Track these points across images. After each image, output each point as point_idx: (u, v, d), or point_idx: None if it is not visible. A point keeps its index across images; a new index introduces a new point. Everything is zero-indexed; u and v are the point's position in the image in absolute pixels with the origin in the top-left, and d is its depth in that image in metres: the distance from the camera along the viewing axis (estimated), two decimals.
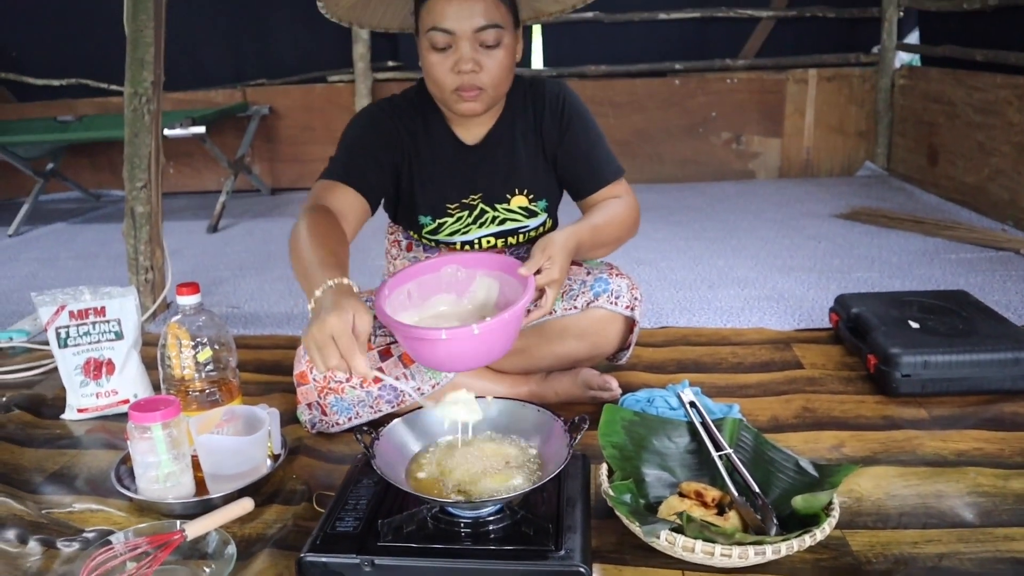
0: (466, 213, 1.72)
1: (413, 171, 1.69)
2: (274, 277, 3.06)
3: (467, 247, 1.76)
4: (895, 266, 2.81)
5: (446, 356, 1.36)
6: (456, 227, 1.73)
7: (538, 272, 1.44)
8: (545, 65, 4.69)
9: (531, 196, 1.73)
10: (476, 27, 1.48)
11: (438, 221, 1.72)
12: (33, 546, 1.33)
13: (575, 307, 1.70)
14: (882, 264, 2.84)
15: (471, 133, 1.69)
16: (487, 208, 1.72)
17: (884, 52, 4.35)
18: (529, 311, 1.48)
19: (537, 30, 4.64)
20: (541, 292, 1.48)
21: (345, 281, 1.29)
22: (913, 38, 4.40)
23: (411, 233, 1.78)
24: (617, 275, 1.73)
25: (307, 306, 1.35)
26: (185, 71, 4.49)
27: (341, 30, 4.47)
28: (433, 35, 1.49)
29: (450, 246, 1.75)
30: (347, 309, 1.20)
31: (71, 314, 1.82)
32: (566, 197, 1.81)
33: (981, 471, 1.46)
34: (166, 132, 3.55)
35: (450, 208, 1.71)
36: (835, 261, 2.91)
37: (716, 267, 2.92)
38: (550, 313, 1.65)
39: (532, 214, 1.75)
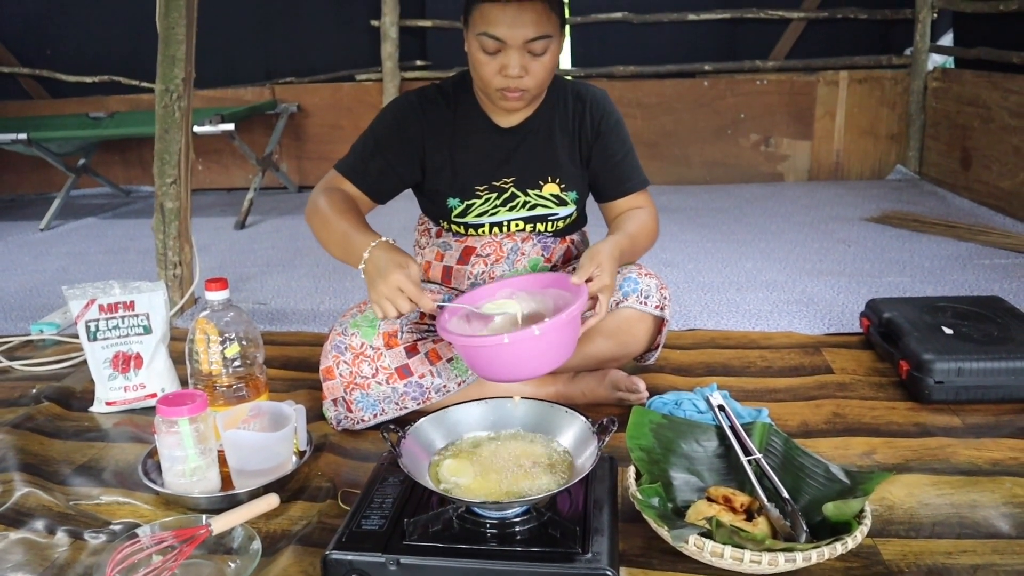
0: (494, 195, 1.72)
1: (443, 158, 1.70)
2: (301, 274, 3.06)
3: (496, 229, 1.76)
4: (927, 271, 2.76)
5: (510, 362, 1.41)
6: (484, 208, 1.73)
7: (588, 280, 1.49)
8: (573, 65, 4.67)
9: (563, 185, 1.73)
10: (527, 38, 1.49)
11: (466, 203, 1.72)
12: (61, 537, 1.34)
13: None
14: (913, 269, 2.80)
15: (507, 118, 1.70)
16: (518, 192, 1.72)
17: (917, 54, 4.29)
18: (585, 319, 1.52)
19: (566, 30, 4.61)
20: (594, 299, 1.51)
21: (385, 239, 1.49)
22: (947, 40, 4.32)
23: (440, 221, 1.78)
24: (646, 275, 1.72)
25: (359, 267, 1.48)
26: (215, 69, 4.52)
27: (370, 29, 4.49)
28: (483, 39, 1.50)
29: (479, 228, 1.75)
30: (401, 262, 1.41)
31: (101, 308, 1.83)
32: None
33: (1017, 481, 1.43)
34: (196, 129, 3.58)
35: (478, 190, 1.71)
36: (865, 265, 2.87)
37: (744, 270, 2.89)
38: None
39: (562, 203, 1.75)
